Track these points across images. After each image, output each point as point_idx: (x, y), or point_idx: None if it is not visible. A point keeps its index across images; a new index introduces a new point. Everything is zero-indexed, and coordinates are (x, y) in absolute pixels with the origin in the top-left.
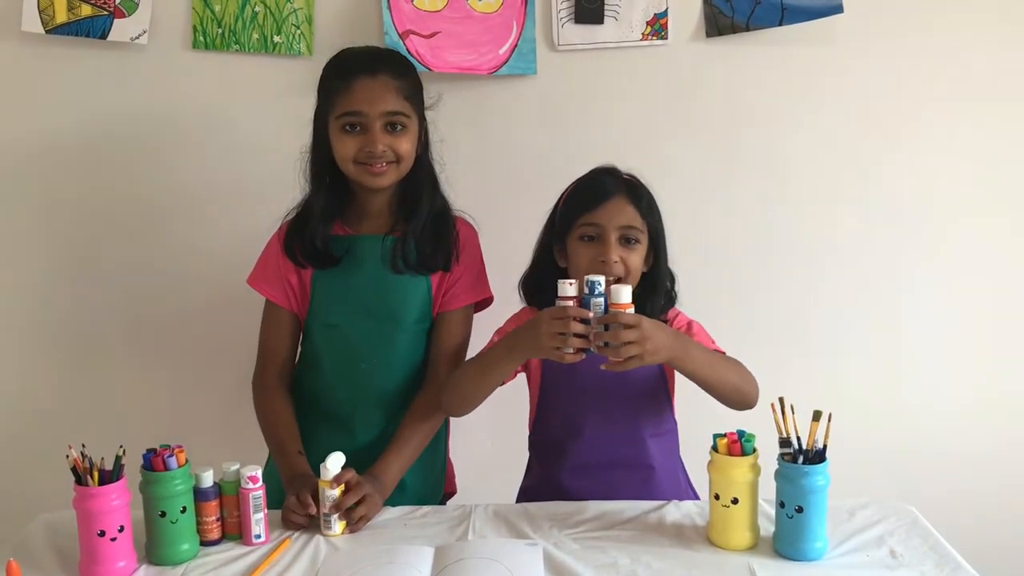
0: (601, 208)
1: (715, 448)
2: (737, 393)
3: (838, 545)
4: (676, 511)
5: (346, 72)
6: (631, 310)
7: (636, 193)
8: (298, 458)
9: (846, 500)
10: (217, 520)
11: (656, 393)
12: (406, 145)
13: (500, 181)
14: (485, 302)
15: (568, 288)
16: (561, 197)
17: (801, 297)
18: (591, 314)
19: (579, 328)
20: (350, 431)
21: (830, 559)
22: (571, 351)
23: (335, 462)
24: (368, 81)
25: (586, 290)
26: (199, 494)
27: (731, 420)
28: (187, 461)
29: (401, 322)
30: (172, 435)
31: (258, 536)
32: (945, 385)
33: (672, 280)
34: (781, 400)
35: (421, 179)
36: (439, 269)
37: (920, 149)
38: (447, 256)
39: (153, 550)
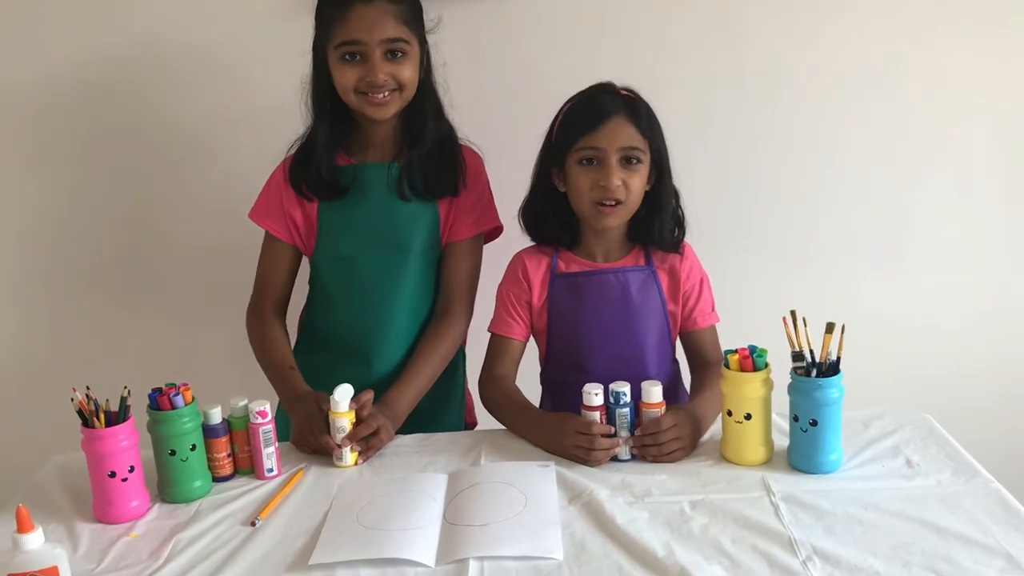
0: (600, 129)
1: (727, 364)
2: None
3: (853, 456)
4: None
5: None
6: (663, 408)
7: (635, 111)
8: (291, 374)
9: (860, 410)
10: (228, 456)
11: (660, 338)
12: (408, 72)
13: (501, 103)
14: (495, 231)
15: (594, 398)
16: (556, 117)
17: (811, 209)
18: (613, 429)
19: (605, 443)
20: (367, 364)
21: (845, 471)
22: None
23: (343, 394)
24: (365, 8)
25: (611, 400)
26: (208, 431)
27: (741, 336)
28: (194, 399)
29: (411, 250)
30: (178, 374)
31: (270, 470)
32: (958, 293)
33: (677, 197)
34: (793, 313)
35: (425, 106)
36: (447, 194)
37: (928, 55)
38: (454, 181)
39: (165, 488)
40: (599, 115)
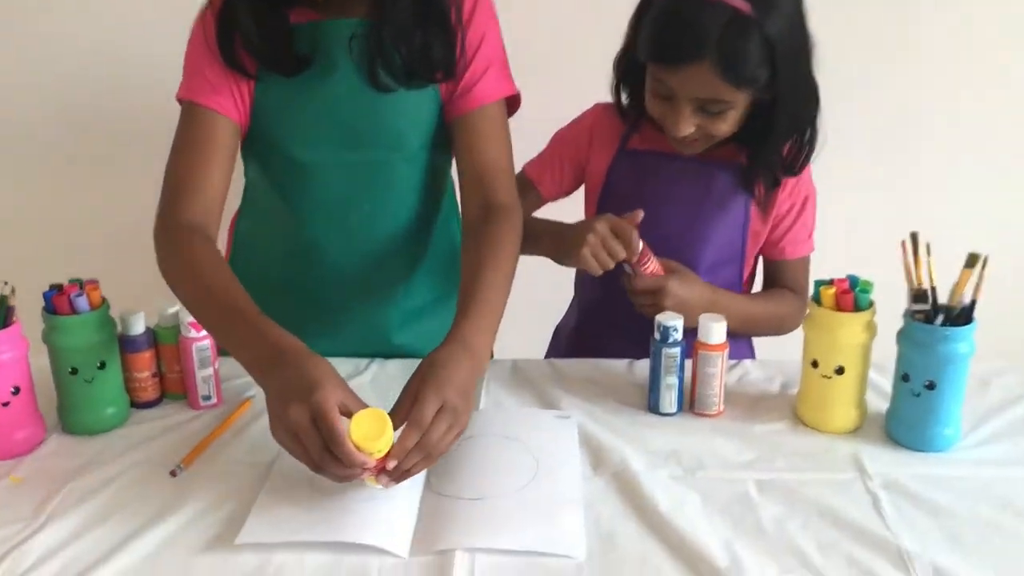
0: (676, 71)
1: (817, 300)
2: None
3: (972, 430)
4: (758, 371)
5: None
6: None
7: (734, 51)
8: (262, 319)
9: (976, 364)
10: (154, 375)
11: (729, 259)
12: None
13: None
14: (513, 101)
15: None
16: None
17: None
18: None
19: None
20: (337, 324)
21: (963, 449)
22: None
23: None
24: None
25: (658, 336)
26: (126, 344)
27: (839, 262)
28: (104, 301)
29: (404, 148)
30: (87, 271)
31: (207, 397)
32: None
33: (817, 100)
34: (914, 236)
35: None
36: (437, 78)
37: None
38: (451, 57)
39: (66, 416)
40: (677, 53)
